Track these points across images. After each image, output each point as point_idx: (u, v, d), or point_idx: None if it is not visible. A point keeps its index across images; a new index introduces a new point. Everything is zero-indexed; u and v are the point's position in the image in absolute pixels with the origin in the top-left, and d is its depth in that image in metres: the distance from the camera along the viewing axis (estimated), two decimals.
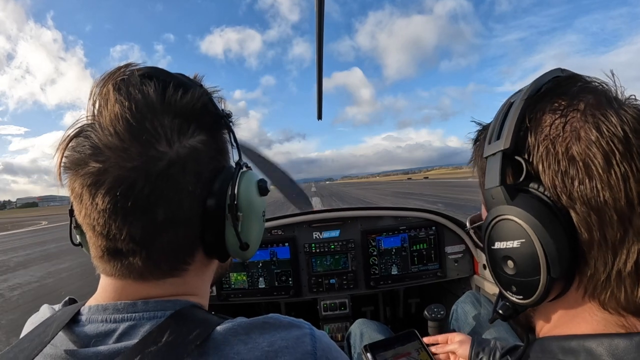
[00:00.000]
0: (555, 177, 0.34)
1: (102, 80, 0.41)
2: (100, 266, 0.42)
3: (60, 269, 7.55)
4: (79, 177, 0.38)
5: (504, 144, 0.36)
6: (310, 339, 0.41)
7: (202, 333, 0.37)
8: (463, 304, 1.40)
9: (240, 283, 1.73)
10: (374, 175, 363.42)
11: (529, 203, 0.35)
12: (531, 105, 0.37)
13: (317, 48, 0.98)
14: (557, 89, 0.37)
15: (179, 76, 0.43)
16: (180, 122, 0.40)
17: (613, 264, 0.33)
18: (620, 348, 0.31)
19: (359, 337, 1.36)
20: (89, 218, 0.39)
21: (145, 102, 0.39)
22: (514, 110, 0.38)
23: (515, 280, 0.38)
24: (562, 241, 0.33)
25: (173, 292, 0.43)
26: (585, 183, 0.32)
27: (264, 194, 0.48)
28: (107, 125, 0.38)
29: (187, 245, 0.43)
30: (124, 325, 0.39)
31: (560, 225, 0.33)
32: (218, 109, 0.45)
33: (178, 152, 0.39)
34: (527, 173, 0.36)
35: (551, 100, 0.36)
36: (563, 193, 0.33)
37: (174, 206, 0.39)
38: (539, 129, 0.36)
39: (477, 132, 0.46)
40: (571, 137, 0.33)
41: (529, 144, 0.36)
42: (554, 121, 0.35)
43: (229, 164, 0.47)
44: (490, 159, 0.38)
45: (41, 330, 0.40)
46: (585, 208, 0.32)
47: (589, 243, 0.33)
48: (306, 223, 1.77)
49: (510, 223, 0.36)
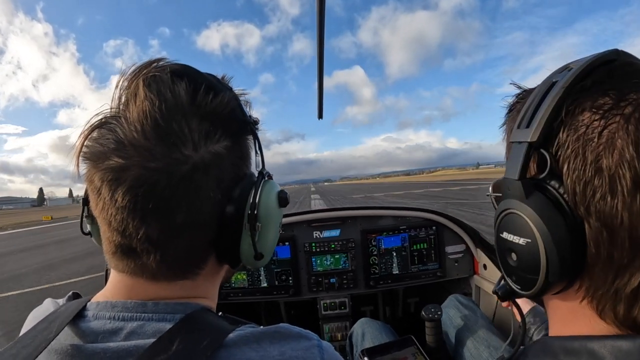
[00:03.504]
0: (578, 185, 0.31)
1: (132, 74, 0.40)
2: (112, 262, 0.42)
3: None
4: (99, 170, 0.37)
5: (532, 136, 0.34)
6: (318, 350, 0.41)
7: (212, 342, 0.37)
8: (447, 309, 1.40)
9: (240, 282, 1.73)
10: (374, 177, 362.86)
11: (544, 206, 0.33)
12: (572, 96, 0.33)
13: (318, 46, 0.97)
14: (606, 81, 0.32)
15: (209, 77, 0.43)
16: (207, 126, 0.40)
17: (613, 283, 0.32)
18: (623, 350, 0.30)
19: (361, 337, 1.36)
20: (106, 213, 0.38)
21: (175, 102, 0.39)
22: (552, 96, 0.34)
23: (515, 272, 0.38)
24: (567, 251, 0.32)
25: (183, 294, 0.43)
26: (606, 199, 0.30)
27: (283, 205, 0.48)
28: (133, 121, 0.38)
29: (201, 250, 0.43)
30: (132, 324, 0.39)
31: (569, 235, 0.32)
32: (246, 115, 0.45)
33: (203, 157, 0.39)
34: (550, 169, 0.34)
35: (595, 95, 0.32)
36: (581, 203, 0.31)
37: (194, 211, 0.39)
38: (573, 126, 0.32)
39: (515, 96, 0.43)
40: (605, 146, 0.30)
41: (559, 140, 0.33)
42: (592, 122, 0.31)
43: (250, 172, 0.46)
44: (515, 146, 0.36)
45: (45, 326, 0.40)
46: (599, 224, 0.31)
47: (594, 258, 0.32)
48: (306, 222, 1.77)
49: (521, 220, 0.35)
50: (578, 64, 0.34)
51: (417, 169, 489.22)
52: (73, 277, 6.39)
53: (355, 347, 1.36)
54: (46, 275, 6.82)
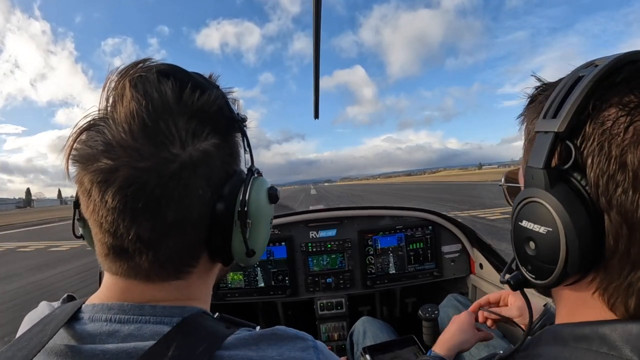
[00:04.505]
0: (601, 177, 0.32)
1: (119, 74, 0.41)
2: (105, 265, 0.42)
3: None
4: (89, 172, 0.37)
5: (559, 126, 0.34)
6: (314, 351, 0.42)
7: (210, 347, 0.37)
8: (446, 308, 1.41)
9: (237, 282, 1.72)
10: (375, 177, 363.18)
11: (567, 196, 0.33)
12: (599, 90, 0.33)
13: (314, 45, 0.97)
14: (633, 80, 0.33)
15: (196, 76, 0.43)
16: (195, 125, 0.40)
17: (627, 277, 0.32)
18: (634, 334, 0.31)
19: (362, 335, 1.37)
20: (97, 215, 0.38)
21: (161, 101, 0.39)
22: (579, 89, 0.34)
23: (532, 261, 0.38)
24: (587, 243, 0.33)
25: (178, 295, 0.43)
26: (628, 193, 0.30)
27: (274, 202, 0.48)
28: (121, 122, 0.38)
29: (193, 249, 0.43)
30: (129, 327, 0.39)
31: (590, 226, 0.33)
32: (233, 113, 0.45)
33: (191, 155, 0.39)
34: (575, 161, 0.34)
35: (622, 92, 0.32)
36: (603, 195, 0.32)
37: (184, 209, 0.39)
38: (599, 119, 0.33)
39: (536, 88, 0.43)
40: (630, 142, 0.31)
41: (585, 132, 0.33)
42: (619, 118, 0.32)
43: (239, 169, 0.47)
44: (541, 135, 0.36)
45: (40, 328, 0.39)
46: (620, 218, 0.31)
47: (612, 252, 0.32)
48: (303, 222, 1.77)
49: (544, 209, 0.35)
50: (604, 61, 0.35)
51: (419, 169, 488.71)
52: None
53: (357, 345, 1.36)
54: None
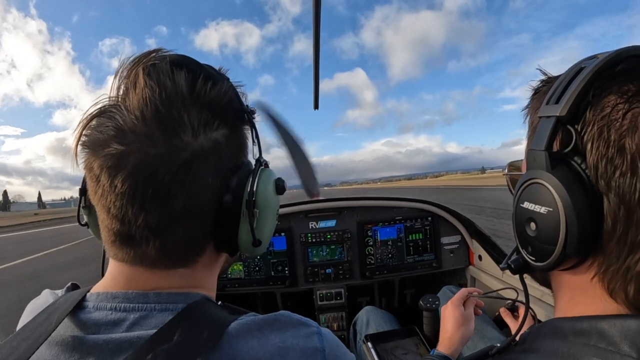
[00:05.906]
0: (600, 161, 0.33)
1: (131, 63, 0.40)
2: (111, 251, 0.42)
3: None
4: (99, 157, 0.37)
5: (561, 110, 0.36)
6: (318, 337, 0.42)
7: (214, 333, 0.37)
8: (441, 300, 1.42)
9: (237, 273, 1.74)
10: (375, 181, 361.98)
11: (567, 177, 0.35)
12: (600, 80, 0.35)
13: (314, 35, 0.96)
14: (632, 71, 0.35)
15: (207, 67, 0.43)
16: (206, 115, 0.40)
17: (625, 260, 0.33)
18: (632, 329, 0.31)
19: (365, 324, 1.39)
20: (105, 200, 0.38)
21: (175, 90, 0.39)
22: (580, 78, 0.36)
23: (532, 242, 0.39)
24: (586, 223, 0.34)
25: (183, 284, 0.43)
26: (626, 176, 0.31)
27: (280, 193, 0.48)
28: (133, 109, 0.38)
29: (199, 238, 0.43)
30: (135, 315, 0.39)
31: (589, 207, 0.33)
32: (243, 105, 0.46)
33: (202, 144, 0.39)
34: (575, 145, 0.35)
35: (621, 82, 0.34)
36: (602, 178, 0.33)
37: (193, 197, 0.39)
38: (599, 106, 0.34)
39: (540, 81, 0.45)
40: (629, 127, 0.32)
41: (585, 118, 0.35)
42: (617, 104, 0.33)
43: (247, 160, 0.47)
44: (544, 120, 0.38)
45: (44, 317, 0.39)
46: (617, 200, 0.32)
47: (610, 234, 0.33)
48: (302, 213, 1.77)
49: (544, 189, 0.36)
50: (606, 54, 0.36)
51: (420, 174, 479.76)
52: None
53: (360, 334, 1.39)
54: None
